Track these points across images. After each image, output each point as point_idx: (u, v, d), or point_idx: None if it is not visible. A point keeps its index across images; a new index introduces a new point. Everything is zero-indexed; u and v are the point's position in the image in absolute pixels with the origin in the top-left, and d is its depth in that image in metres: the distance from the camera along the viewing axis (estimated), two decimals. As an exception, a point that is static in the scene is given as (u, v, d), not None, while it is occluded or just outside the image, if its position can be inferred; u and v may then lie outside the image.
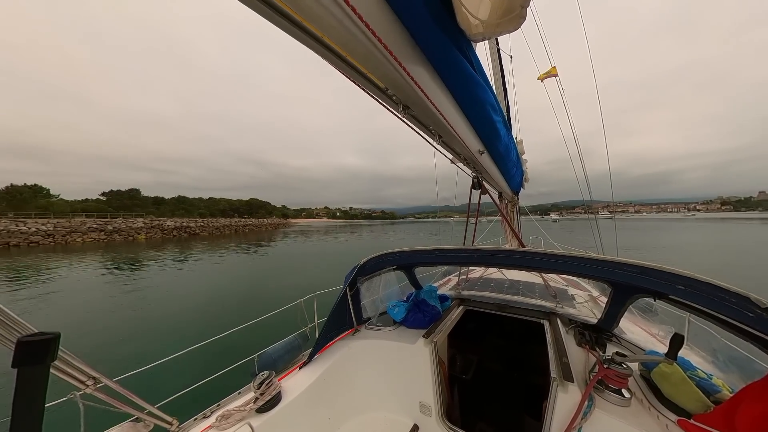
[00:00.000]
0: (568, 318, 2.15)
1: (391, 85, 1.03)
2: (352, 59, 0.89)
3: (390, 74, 0.90)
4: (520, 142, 4.67)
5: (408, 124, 1.42)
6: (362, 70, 0.96)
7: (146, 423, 1.20)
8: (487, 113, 1.48)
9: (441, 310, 2.33)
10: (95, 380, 1.05)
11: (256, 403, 1.44)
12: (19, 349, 0.81)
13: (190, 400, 1.69)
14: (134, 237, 43.44)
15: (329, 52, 0.88)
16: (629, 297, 1.65)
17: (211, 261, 20.70)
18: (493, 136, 1.80)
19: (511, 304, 2.48)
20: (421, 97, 1.03)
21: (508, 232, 5.13)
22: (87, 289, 12.46)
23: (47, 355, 0.85)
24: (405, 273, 2.54)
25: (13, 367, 0.79)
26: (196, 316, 8.52)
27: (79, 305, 9.87)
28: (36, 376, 0.83)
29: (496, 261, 1.85)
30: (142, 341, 6.80)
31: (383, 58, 0.82)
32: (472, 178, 2.54)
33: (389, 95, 1.11)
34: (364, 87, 1.11)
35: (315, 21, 0.70)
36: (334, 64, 0.93)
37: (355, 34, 0.72)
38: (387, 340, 2.07)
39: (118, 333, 7.31)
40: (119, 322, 8.14)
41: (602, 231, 4.20)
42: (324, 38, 0.78)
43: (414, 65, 0.92)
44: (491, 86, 1.46)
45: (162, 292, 11.72)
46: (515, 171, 3.32)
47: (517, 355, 2.75)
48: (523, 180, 4.67)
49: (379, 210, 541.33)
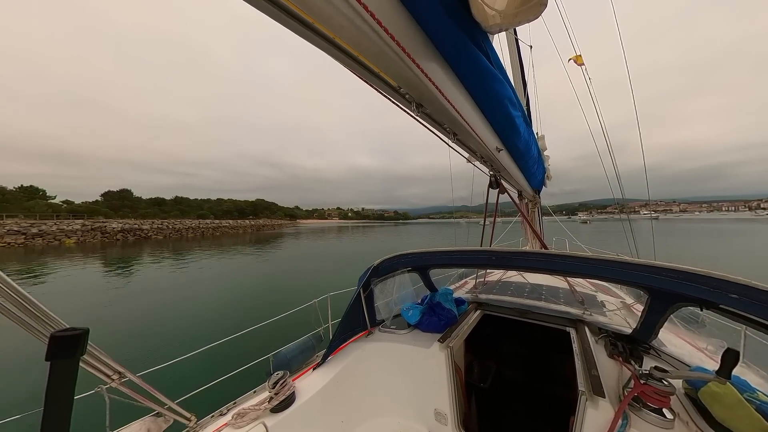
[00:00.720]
0: (597, 326, 2.03)
1: (404, 83, 1.02)
2: (364, 59, 0.89)
3: (403, 72, 0.89)
4: (541, 138, 4.46)
5: (421, 123, 1.39)
6: (374, 70, 0.96)
7: (166, 418, 1.26)
8: (505, 108, 1.43)
9: (457, 314, 2.28)
10: (120, 375, 1.11)
11: (271, 402, 1.47)
12: (52, 343, 0.87)
13: (207, 397, 1.77)
14: (60, 241, 37.63)
15: (341, 52, 0.88)
16: (670, 306, 1.51)
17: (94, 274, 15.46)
18: (512, 133, 1.74)
19: (533, 309, 2.38)
20: (435, 94, 1.01)
21: (529, 234, 4.93)
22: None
23: (77, 350, 0.91)
24: (419, 275, 2.51)
25: (46, 360, 0.85)
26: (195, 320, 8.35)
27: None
28: (66, 369, 0.89)
29: (516, 263, 1.78)
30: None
31: (395, 56, 0.81)
32: (490, 176, 2.46)
33: (402, 94, 1.09)
34: (376, 86, 1.10)
35: (326, 21, 0.71)
36: (345, 64, 0.93)
37: (366, 32, 0.71)
38: (401, 344, 2.05)
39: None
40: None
41: (643, 234, 3.83)
42: (336, 39, 0.79)
43: (428, 62, 0.90)
44: (509, 79, 1.40)
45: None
46: (536, 168, 3.18)
47: (539, 364, 2.63)
48: (545, 178, 4.46)
49: (392, 210, 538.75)
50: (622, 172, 4.18)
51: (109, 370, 1.09)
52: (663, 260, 1.26)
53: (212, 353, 2.09)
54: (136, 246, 34.69)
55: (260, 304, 9.56)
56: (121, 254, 25.99)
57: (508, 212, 21.96)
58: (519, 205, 3.83)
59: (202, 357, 1.97)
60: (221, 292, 11.35)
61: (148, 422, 1.22)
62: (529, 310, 2.36)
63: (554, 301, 2.57)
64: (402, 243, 36.82)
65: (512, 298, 2.69)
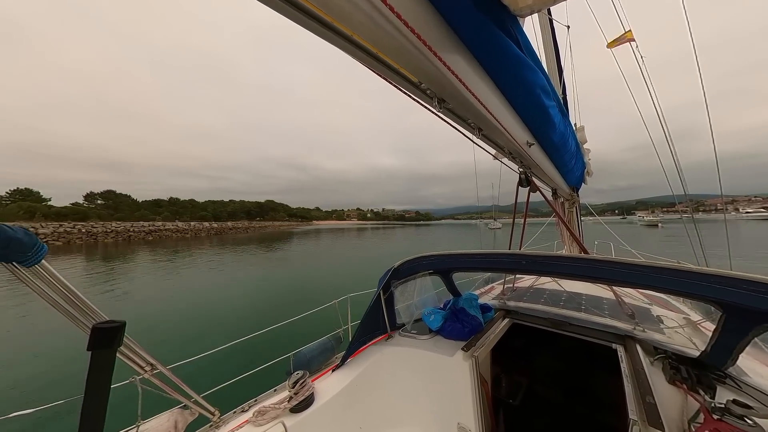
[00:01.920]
0: (652, 345, 1.79)
1: (425, 78, 0.98)
2: (383, 55, 0.87)
3: (423, 66, 0.86)
4: (580, 129, 4.08)
5: (444, 119, 1.33)
6: (394, 66, 0.93)
7: (192, 411, 1.35)
8: (537, 98, 1.33)
9: (483, 321, 2.19)
10: (152, 366, 1.20)
11: (290, 402, 1.52)
12: (94, 334, 0.96)
13: (229, 392, 1.86)
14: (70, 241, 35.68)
15: (360, 50, 0.86)
16: (754, 327, 1.25)
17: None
18: (546, 125, 1.62)
19: (570, 321, 2.19)
20: (458, 87, 0.97)
21: (566, 236, 4.55)
22: None
23: (115, 341, 1.00)
24: (442, 278, 2.45)
25: (88, 350, 0.93)
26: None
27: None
28: (105, 359, 0.98)
29: (551, 269, 1.63)
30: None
31: (415, 49, 0.78)
32: (519, 173, 2.30)
33: (423, 89, 1.05)
34: (396, 83, 1.08)
35: (345, 19, 0.70)
36: (365, 62, 0.92)
37: (384, 27, 0.69)
38: (422, 350, 2.01)
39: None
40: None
41: (742, 240, 2.79)
42: (354, 36, 0.77)
43: (450, 53, 0.86)
44: (542, 66, 1.30)
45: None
46: (574, 164, 2.93)
47: (578, 383, 2.42)
48: (585, 174, 4.08)
49: (414, 211, 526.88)
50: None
51: (143, 362, 1.18)
52: (743, 271, 1.06)
53: (234, 350, 2.19)
54: (135, 245, 35.65)
55: (259, 304, 9.77)
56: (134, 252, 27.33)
57: (545, 212, 20.65)
58: (553, 205, 3.53)
59: (224, 353, 2.07)
60: (222, 292, 11.76)
61: (176, 414, 1.31)
62: (565, 322, 2.18)
63: (596, 312, 2.34)
64: (401, 247, 32.04)
65: (545, 306, 2.49)
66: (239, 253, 25.87)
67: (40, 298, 0.91)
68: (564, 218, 4.08)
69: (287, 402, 1.52)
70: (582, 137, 4.04)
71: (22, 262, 0.86)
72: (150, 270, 17.90)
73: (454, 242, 38.28)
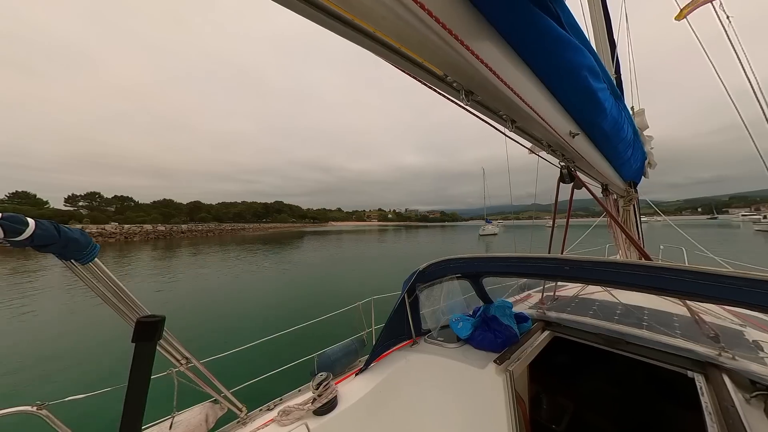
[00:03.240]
0: (748, 378, 1.49)
1: (450, 69, 0.92)
2: (406, 49, 0.83)
3: (449, 58, 0.81)
4: (639, 113, 3.55)
5: (472, 112, 1.25)
6: (418, 60, 0.89)
7: (222, 406, 1.44)
8: (583, 82, 1.20)
9: (518, 332, 2.05)
10: (187, 360, 1.29)
11: (314, 404, 1.56)
12: (138, 327, 1.05)
13: (254, 388, 1.95)
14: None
15: (382, 46, 0.83)
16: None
17: None
18: (594, 111, 1.46)
19: (628, 338, 1.92)
20: (487, 77, 0.90)
21: (620, 239, 3.94)
22: None
23: (156, 334, 1.08)
24: (471, 283, 2.34)
25: (132, 342, 1.03)
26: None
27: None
28: (147, 351, 1.07)
29: (603, 277, 1.43)
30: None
31: (440, 40, 0.74)
32: (561, 168, 2.09)
33: (449, 83, 0.99)
34: (420, 78, 1.03)
35: (366, 15, 0.68)
36: (387, 58, 0.89)
37: (407, 19, 0.66)
38: (450, 359, 1.94)
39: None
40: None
41: None
42: (377, 33, 0.75)
43: (478, 41, 0.80)
44: (590, 44, 1.17)
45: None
46: (631, 154, 2.59)
47: (639, 414, 2.13)
48: (646, 166, 3.55)
49: (438, 211, 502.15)
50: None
51: (179, 355, 1.27)
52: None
53: (259, 348, 2.29)
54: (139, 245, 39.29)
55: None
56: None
57: (597, 211, 18.37)
58: (603, 203, 3.16)
59: (250, 351, 2.17)
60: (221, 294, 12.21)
61: (207, 407, 1.40)
62: (621, 339, 1.92)
63: (664, 331, 1.99)
64: (395, 251, 28.67)
65: (595, 320, 2.21)
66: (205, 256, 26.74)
67: (93, 292, 1.02)
68: (618, 218, 3.59)
69: (311, 403, 1.56)
70: (642, 122, 3.50)
71: (79, 260, 0.97)
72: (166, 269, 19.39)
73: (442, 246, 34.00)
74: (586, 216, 7.83)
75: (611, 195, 3.67)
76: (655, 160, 3.69)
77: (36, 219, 0.83)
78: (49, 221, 0.88)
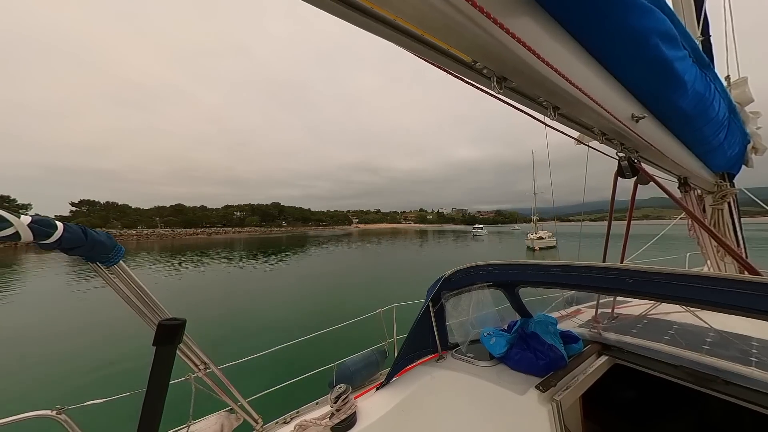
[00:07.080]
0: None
1: (480, 54, 0.87)
2: (429, 36, 0.79)
3: (478, 39, 0.76)
4: (738, 84, 2.90)
5: (505, 101, 1.16)
6: (442, 47, 0.85)
7: (237, 416, 1.47)
8: (652, 52, 1.04)
9: (565, 354, 1.83)
10: (206, 366, 1.33)
11: (332, 419, 1.55)
12: (159, 330, 1.09)
13: (271, 397, 1.98)
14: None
15: (404, 35, 0.81)
16: None
17: None
18: (667, 87, 1.27)
19: (727, 377, 1.57)
20: (524, 59, 0.83)
21: (709, 246, 3.24)
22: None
23: (176, 338, 1.13)
24: (505, 293, 2.20)
25: (153, 345, 1.07)
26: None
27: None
28: (167, 355, 1.12)
29: (684, 294, 1.19)
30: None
31: (467, 19, 0.70)
32: (619, 160, 1.88)
33: (478, 69, 0.92)
34: (445, 67, 0.98)
35: (384, 2, 0.67)
36: (410, 48, 0.86)
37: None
38: (482, 379, 1.81)
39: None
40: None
41: None
42: (397, 20, 0.73)
43: (514, 16, 0.75)
44: (664, 1, 1.01)
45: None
46: (724, 137, 2.16)
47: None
48: (748, 152, 2.88)
49: (494, 211, 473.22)
50: None
51: (198, 360, 1.32)
52: None
53: (277, 355, 2.32)
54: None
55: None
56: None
57: (674, 207, 16.03)
58: (681, 201, 2.65)
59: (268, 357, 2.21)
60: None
61: (223, 417, 1.45)
62: (715, 377, 1.59)
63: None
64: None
65: (675, 348, 1.85)
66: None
67: (116, 294, 1.08)
68: (704, 220, 3.02)
69: (329, 419, 1.56)
70: (743, 95, 2.89)
71: (104, 263, 1.04)
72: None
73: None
74: (642, 218, 6.36)
75: (693, 190, 3.04)
76: (764, 144, 2.97)
77: (64, 222, 0.90)
78: (76, 224, 0.95)
